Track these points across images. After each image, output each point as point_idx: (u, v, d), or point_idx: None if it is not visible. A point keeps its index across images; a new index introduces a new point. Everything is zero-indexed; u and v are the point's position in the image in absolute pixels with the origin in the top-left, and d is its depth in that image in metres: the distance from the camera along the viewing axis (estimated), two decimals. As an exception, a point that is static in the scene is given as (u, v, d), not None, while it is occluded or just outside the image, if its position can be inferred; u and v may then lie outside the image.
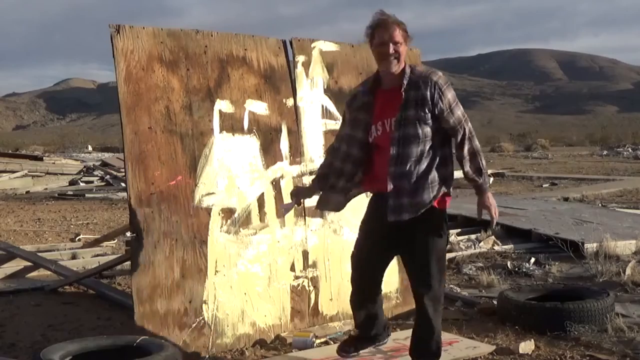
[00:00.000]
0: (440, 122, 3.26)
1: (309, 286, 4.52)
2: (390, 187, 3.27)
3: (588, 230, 7.45)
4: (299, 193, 3.81)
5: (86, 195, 16.00)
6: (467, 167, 3.36)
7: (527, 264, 6.55)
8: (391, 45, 3.24)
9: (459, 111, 3.29)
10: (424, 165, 3.26)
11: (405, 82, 3.26)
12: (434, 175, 3.28)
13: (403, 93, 3.25)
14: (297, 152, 4.53)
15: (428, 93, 3.22)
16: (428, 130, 3.24)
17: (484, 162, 3.38)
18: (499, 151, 41.39)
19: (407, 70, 3.30)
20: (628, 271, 5.91)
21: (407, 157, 3.24)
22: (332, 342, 4.29)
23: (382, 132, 3.32)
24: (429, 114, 3.23)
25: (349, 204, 3.67)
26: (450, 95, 3.26)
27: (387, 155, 3.28)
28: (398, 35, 3.26)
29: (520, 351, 3.97)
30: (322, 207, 3.83)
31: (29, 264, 6.54)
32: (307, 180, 4.54)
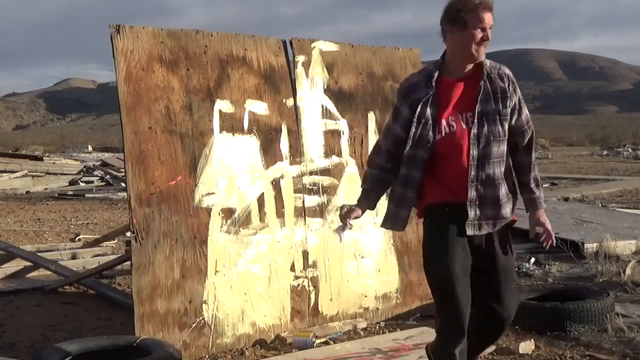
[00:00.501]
0: (510, 119, 2.86)
1: (309, 286, 4.52)
2: (471, 194, 2.80)
3: (588, 230, 7.45)
4: (350, 214, 3.00)
5: (86, 195, 16.01)
6: (526, 176, 2.95)
7: (527, 264, 6.55)
8: (489, 31, 2.79)
9: (527, 110, 2.95)
10: (503, 169, 2.86)
11: (485, 72, 2.85)
12: (510, 181, 2.92)
13: (482, 84, 2.83)
14: (297, 152, 4.53)
15: (505, 86, 2.85)
16: (507, 127, 2.84)
17: (539, 174, 3.03)
18: (499, 151, 41.35)
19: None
20: (628, 271, 5.91)
21: (489, 158, 2.80)
22: (332, 342, 4.29)
23: (457, 129, 2.82)
24: (508, 109, 2.84)
25: (347, 204, 3.39)
26: (519, 91, 2.92)
27: (461, 156, 2.80)
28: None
29: (520, 351, 3.97)
30: (390, 226, 3.03)
31: (29, 264, 6.54)
32: (307, 180, 4.54)
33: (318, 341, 4.26)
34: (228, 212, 4.20)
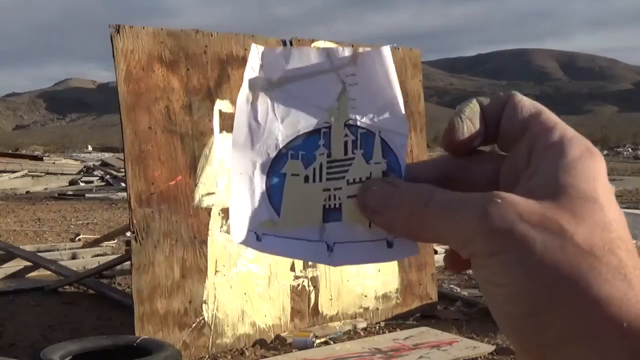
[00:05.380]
0: None
1: (309, 286, 4.52)
2: None
3: (588, 230, 7.45)
4: None
5: (86, 195, 16.02)
6: None
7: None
8: None
9: None
10: None
11: None
12: None
13: None
14: (297, 152, 4.53)
15: None
16: None
17: None
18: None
19: None
20: (628, 271, 5.92)
21: None
22: (332, 342, 4.29)
23: None
24: None
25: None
26: None
27: None
28: None
29: (520, 351, 3.97)
30: None
31: (29, 264, 6.54)
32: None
33: (318, 341, 4.26)
34: (228, 212, 4.19)
